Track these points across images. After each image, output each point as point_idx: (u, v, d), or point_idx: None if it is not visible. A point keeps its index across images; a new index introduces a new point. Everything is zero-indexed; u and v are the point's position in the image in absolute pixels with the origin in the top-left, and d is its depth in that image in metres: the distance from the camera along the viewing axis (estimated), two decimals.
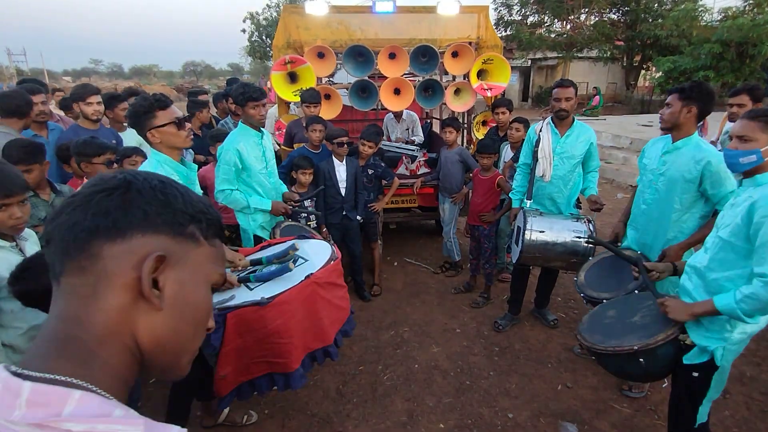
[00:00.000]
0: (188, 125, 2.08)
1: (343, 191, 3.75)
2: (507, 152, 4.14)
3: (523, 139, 3.47)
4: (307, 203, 3.59)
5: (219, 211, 2.95)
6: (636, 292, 2.33)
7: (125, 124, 3.68)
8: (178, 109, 2.09)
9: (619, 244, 2.85)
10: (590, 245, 2.90)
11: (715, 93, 2.47)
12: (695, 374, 1.81)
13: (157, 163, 2.03)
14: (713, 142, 4.38)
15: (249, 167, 2.93)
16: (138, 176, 0.58)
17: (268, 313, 1.92)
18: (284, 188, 3.28)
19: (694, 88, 2.34)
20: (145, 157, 2.96)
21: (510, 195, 3.47)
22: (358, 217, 3.87)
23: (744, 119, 1.75)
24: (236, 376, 2.07)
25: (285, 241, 2.56)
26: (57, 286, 0.55)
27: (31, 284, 1.50)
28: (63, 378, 0.49)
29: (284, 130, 4.38)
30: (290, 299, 1.97)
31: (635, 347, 1.81)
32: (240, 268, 2.28)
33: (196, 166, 2.33)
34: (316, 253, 2.32)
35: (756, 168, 1.71)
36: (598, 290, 2.52)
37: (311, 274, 2.06)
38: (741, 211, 1.67)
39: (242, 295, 2.03)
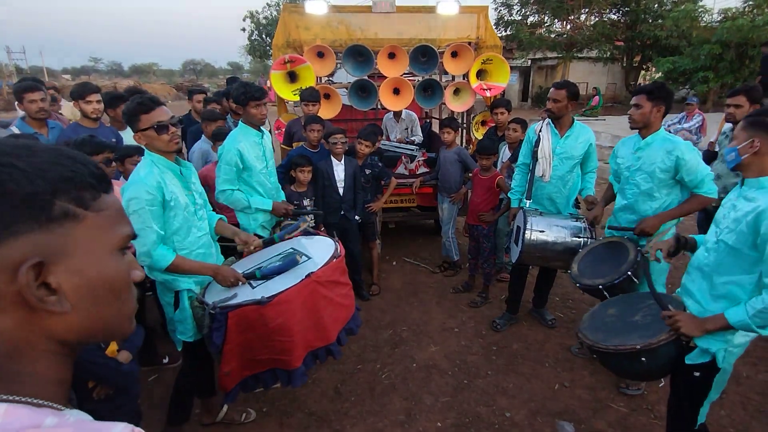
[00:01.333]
0: (173, 129, 2.06)
1: (341, 191, 3.76)
2: (504, 152, 4.15)
3: (520, 140, 3.48)
4: (306, 202, 3.61)
5: (220, 210, 2.92)
6: (629, 273, 2.38)
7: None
8: (167, 112, 2.06)
9: (598, 225, 2.99)
10: (588, 241, 2.92)
11: (673, 93, 2.68)
12: (697, 374, 1.81)
13: (150, 162, 2.05)
14: (711, 143, 4.39)
15: (250, 167, 2.94)
16: None
17: (269, 312, 1.93)
18: (283, 195, 3.29)
19: (661, 89, 2.53)
20: None
21: (509, 195, 3.49)
22: (357, 218, 3.88)
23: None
24: (241, 371, 2.09)
25: (291, 239, 2.56)
26: None
27: None
28: None
29: (284, 129, 4.39)
30: (290, 298, 1.97)
31: (638, 346, 1.81)
32: (253, 248, 2.35)
33: (191, 164, 2.33)
34: (319, 251, 2.31)
35: (761, 170, 1.67)
36: (592, 278, 2.54)
37: (312, 273, 2.06)
38: (746, 218, 1.64)
39: (244, 294, 2.04)
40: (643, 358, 1.83)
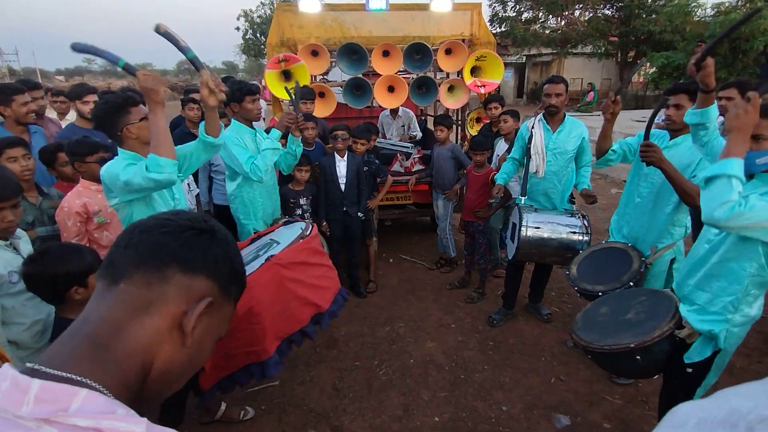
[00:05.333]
0: None
1: (343, 187, 3.77)
2: (501, 146, 4.17)
3: (515, 129, 3.50)
4: (302, 201, 3.63)
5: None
6: (631, 284, 2.36)
7: None
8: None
9: None
10: (585, 241, 2.93)
11: None
12: (689, 370, 1.82)
13: (125, 160, 2.00)
14: None
15: None
16: (221, 228, 0.68)
17: None
18: (277, 194, 3.31)
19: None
20: None
21: (495, 176, 3.53)
22: (359, 213, 3.89)
23: None
24: (215, 370, 2.06)
25: (273, 230, 2.55)
26: (110, 286, 0.59)
27: (41, 268, 1.62)
28: (75, 377, 0.51)
29: None
30: (251, 284, 1.89)
31: (632, 345, 1.81)
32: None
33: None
34: (288, 235, 2.23)
35: None
36: (592, 283, 2.51)
37: (272, 255, 1.98)
38: None
39: None
40: (638, 357, 1.83)
